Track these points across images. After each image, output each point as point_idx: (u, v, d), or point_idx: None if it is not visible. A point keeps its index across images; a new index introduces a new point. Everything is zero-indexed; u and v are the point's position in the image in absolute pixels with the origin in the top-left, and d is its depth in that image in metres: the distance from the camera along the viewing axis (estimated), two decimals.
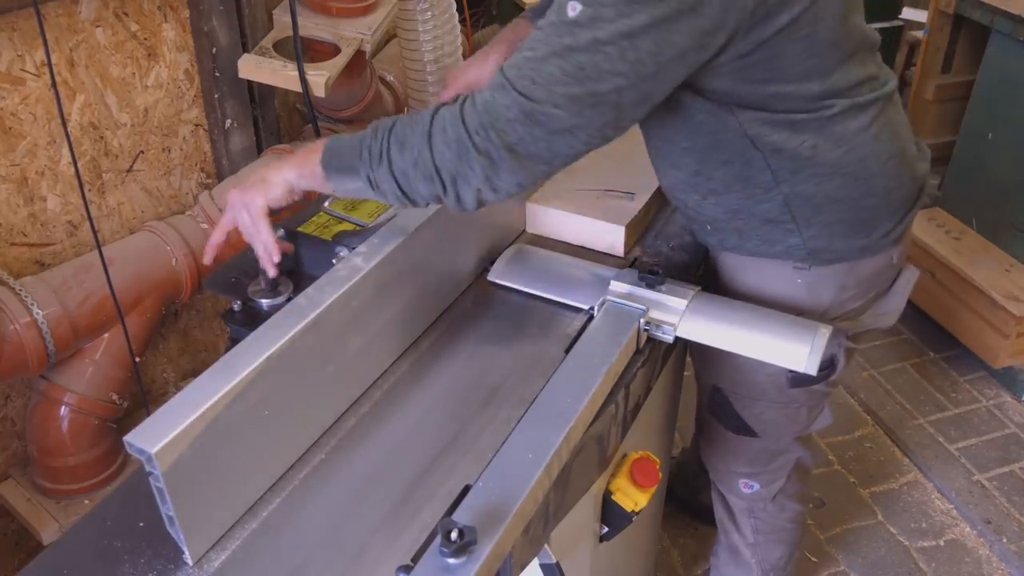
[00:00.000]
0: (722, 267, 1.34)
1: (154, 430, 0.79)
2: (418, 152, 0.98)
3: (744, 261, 1.29)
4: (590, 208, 1.33)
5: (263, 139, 1.93)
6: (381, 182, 1.01)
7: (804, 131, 1.11)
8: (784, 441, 1.47)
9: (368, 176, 1.02)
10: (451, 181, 0.98)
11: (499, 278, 1.26)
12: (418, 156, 0.98)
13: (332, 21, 1.80)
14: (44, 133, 1.55)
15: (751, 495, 1.56)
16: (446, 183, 0.98)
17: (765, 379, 1.33)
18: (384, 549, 0.87)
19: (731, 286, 1.33)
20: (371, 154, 1.01)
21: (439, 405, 1.06)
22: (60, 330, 1.48)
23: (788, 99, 1.09)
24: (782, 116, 1.10)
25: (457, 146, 0.97)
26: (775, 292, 1.28)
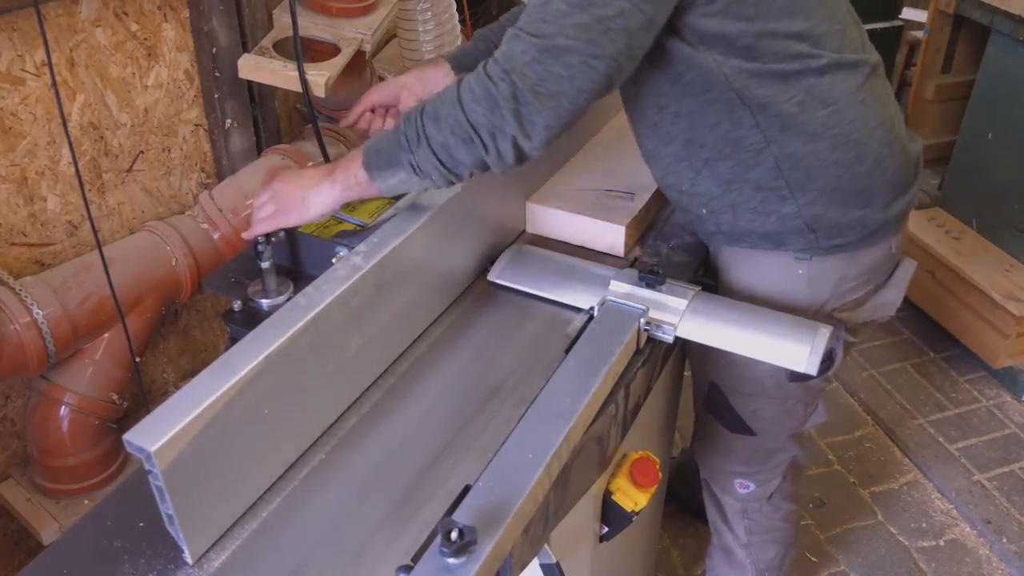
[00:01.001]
0: (722, 265, 1.34)
1: (153, 428, 0.79)
2: (452, 119, 1.01)
3: (744, 255, 1.29)
4: (590, 208, 1.33)
5: (263, 139, 1.93)
6: (423, 162, 1.03)
7: (790, 85, 1.12)
8: (780, 439, 1.47)
9: (410, 162, 1.04)
10: (489, 136, 1.00)
11: (499, 278, 1.26)
12: (453, 122, 1.01)
13: (332, 21, 1.80)
14: (44, 133, 1.55)
15: (746, 495, 1.56)
16: (484, 140, 1.00)
17: (763, 374, 1.34)
18: (384, 549, 0.87)
19: (731, 283, 1.33)
20: (408, 138, 1.03)
21: (439, 405, 1.06)
22: (60, 330, 1.48)
23: (774, 41, 1.09)
24: (770, 67, 1.11)
25: (486, 99, 0.99)
26: (776, 286, 1.28)
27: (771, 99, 1.12)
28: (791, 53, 1.11)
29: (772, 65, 1.11)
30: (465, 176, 1.06)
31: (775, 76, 1.11)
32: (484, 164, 1.04)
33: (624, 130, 1.55)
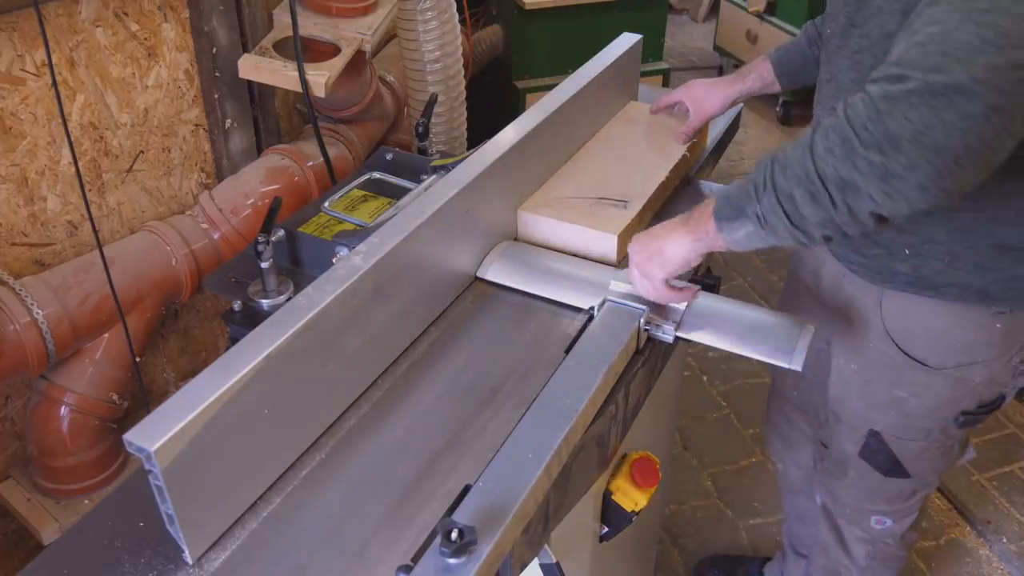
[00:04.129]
0: (892, 310, 1.24)
1: (153, 428, 0.79)
2: (801, 168, 0.88)
3: (930, 305, 1.19)
4: (582, 216, 1.31)
5: (263, 139, 1.93)
6: (768, 214, 0.93)
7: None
8: (930, 478, 1.43)
9: (756, 212, 0.94)
10: (838, 190, 0.86)
11: (495, 276, 1.25)
12: (801, 172, 0.88)
13: (332, 21, 1.80)
14: (44, 133, 1.55)
15: (882, 531, 1.50)
16: (833, 195, 0.86)
17: (934, 423, 1.30)
18: (384, 549, 0.87)
19: (904, 332, 1.24)
20: (756, 187, 0.93)
21: (439, 405, 1.06)
22: (60, 330, 1.48)
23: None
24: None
25: (842, 146, 0.85)
26: (967, 339, 1.20)
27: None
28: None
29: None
30: (816, 237, 0.92)
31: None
32: (835, 226, 0.89)
33: (618, 136, 1.55)
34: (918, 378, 1.26)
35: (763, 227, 0.94)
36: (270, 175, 1.79)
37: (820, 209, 0.88)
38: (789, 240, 0.93)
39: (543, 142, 1.35)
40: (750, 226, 0.96)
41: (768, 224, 0.93)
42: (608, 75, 1.54)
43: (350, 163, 1.98)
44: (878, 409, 1.33)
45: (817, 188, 0.87)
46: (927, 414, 1.29)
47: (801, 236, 0.92)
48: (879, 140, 0.82)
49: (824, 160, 0.86)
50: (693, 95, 1.51)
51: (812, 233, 0.91)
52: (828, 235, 0.91)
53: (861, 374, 1.33)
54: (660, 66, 3.34)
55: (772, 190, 0.91)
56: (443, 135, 2.17)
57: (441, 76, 2.08)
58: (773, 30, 3.95)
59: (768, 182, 0.92)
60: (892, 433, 1.34)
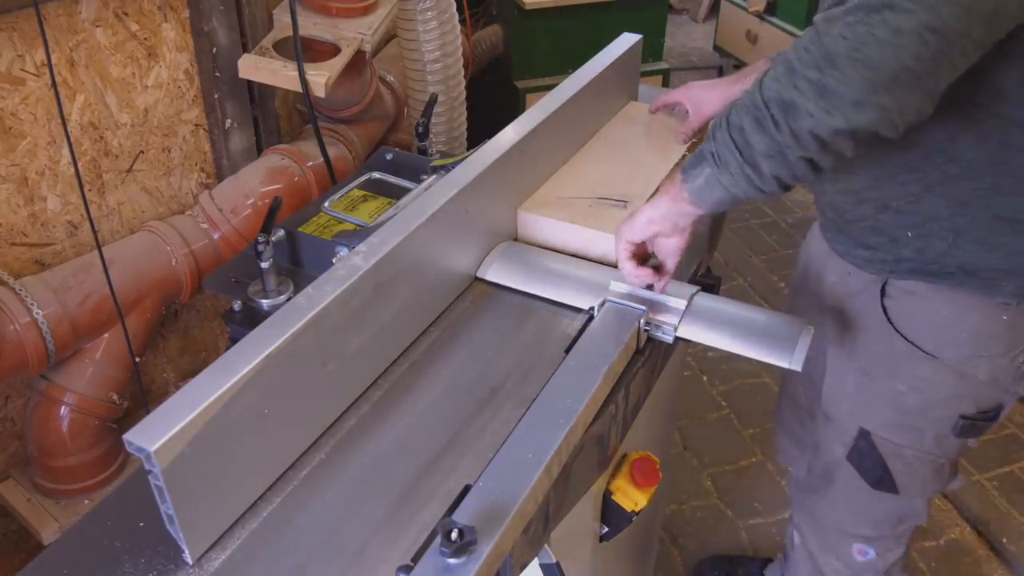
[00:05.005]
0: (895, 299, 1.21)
1: (153, 428, 0.79)
2: (749, 98, 0.91)
3: (932, 293, 1.16)
4: (582, 216, 1.31)
5: (263, 139, 1.93)
6: (721, 149, 0.94)
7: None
8: (919, 501, 1.36)
9: (711, 151, 0.95)
10: (780, 111, 0.87)
11: (494, 277, 1.25)
12: (748, 101, 0.90)
13: (332, 21, 1.80)
14: (44, 133, 1.55)
15: (864, 563, 1.42)
16: (775, 116, 0.87)
17: (930, 424, 1.25)
18: (384, 549, 0.87)
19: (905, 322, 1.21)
20: (713, 128, 0.95)
21: (439, 405, 1.06)
22: (60, 330, 1.48)
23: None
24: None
25: (784, 69, 0.87)
26: (971, 331, 1.17)
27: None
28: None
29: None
30: (765, 172, 0.91)
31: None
32: (780, 153, 0.89)
33: (618, 136, 1.55)
34: (919, 370, 1.23)
35: (717, 165, 0.94)
36: (270, 175, 1.79)
37: (764, 134, 0.88)
38: (742, 182, 0.93)
39: (543, 142, 1.35)
40: (707, 168, 0.96)
41: (721, 161, 0.93)
42: (608, 75, 1.54)
43: (350, 163, 1.98)
44: (873, 405, 1.30)
45: (762, 113, 0.88)
46: (924, 411, 1.25)
47: (751, 172, 0.92)
48: (817, 59, 0.83)
49: (768, 86, 0.88)
50: (692, 96, 1.51)
51: (760, 166, 0.90)
52: (777, 173, 0.91)
53: (859, 365, 1.31)
54: (660, 66, 3.34)
55: (725, 125, 0.93)
56: (443, 135, 2.17)
57: (441, 76, 2.08)
58: (773, 30, 3.95)
59: (722, 121, 0.94)
60: (884, 433, 1.30)
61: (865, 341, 1.28)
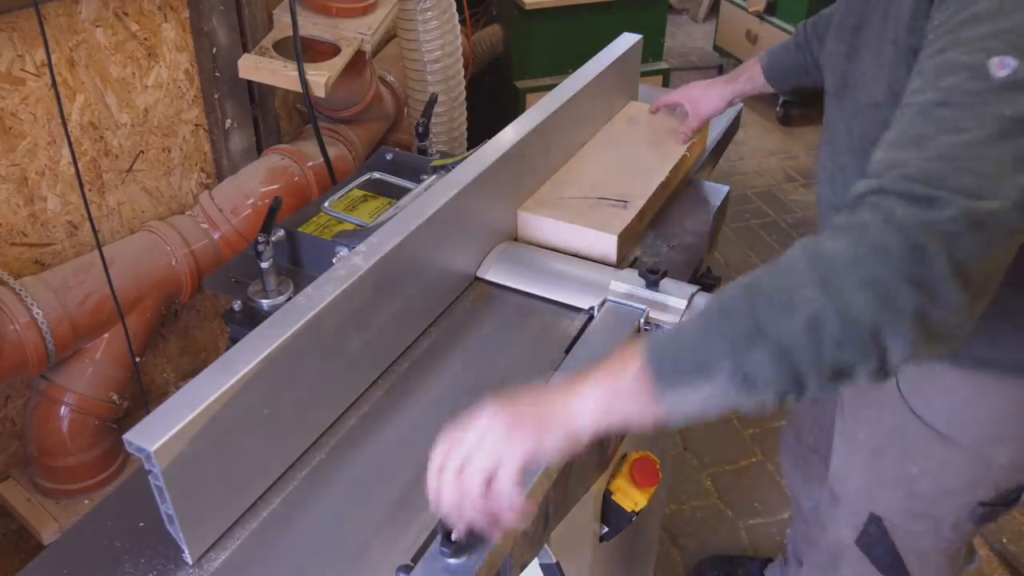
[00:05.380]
0: (910, 377, 1.11)
1: (153, 428, 0.79)
2: (813, 307, 0.68)
3: (956, 373, 1.05)
4: (582, 216, 1.31)
5: (263, 139, 1.93)
6: (759, 368, 0.69)
7: None
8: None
9: (736, 365, 0.70)
10: (872, 335, 0.67)
11: (494, 276, 1.25)
12: (815, 312, 0.68)
13: (332, 21, 1.80)
14: (44, 133, 1.55)
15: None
16: (866, 340, 0.67)
17: (946, 511, 1.15)
18: (384, 549, 0.87)
19: (922, 400, 1.10)
20: (734, 334, 0.70)
21: (439, 405, 1.06)
22: (60, 330, 1.48)
23: None
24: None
25: (874, 284, 0.67)
26: (991, 411, 1.07)
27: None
28: None
29: None
30: (809, 393, 0.71)
31: None
32: (850, 378, 0.70)
33: (618, 136, 1.55)
34: (934, 452, 1.11)
35: (744, 386, 0.70)
36: (270, 175, 1.79)
37: (844, 356, 0.68)
38: (774, 402, 0.72)
39: (543, 142, 1.35)
40: (720, 380, 0.71)
41: (753, 381, 0.70)
42: (608, 75, 1.54)
43: (350, 163, 1.98)
44: (884, 486, 1.17)
45: (843, 333, 0.67)
46: (940, 498, 1.14)
47: (795, 394, 0.71)
48: (925, 276, 0.67)
49: (853, 301, 0.67)
50: (689, 96, 1.51)
51: (808, 390, 0.70)
52: (841, 382, 0.71)
53: (870, 444, 1.19)
54: (660, 66, 3.34)
55: (764, 338, 0.69)
56: (443, 135, 2.17)
57: (441, 76, 2.08)
58: (773, 30, 3.95)
59: (757, 328, 0.69)
60: (897, 520, 1.18)
61: (877, 416, 1.18)
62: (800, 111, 4.04)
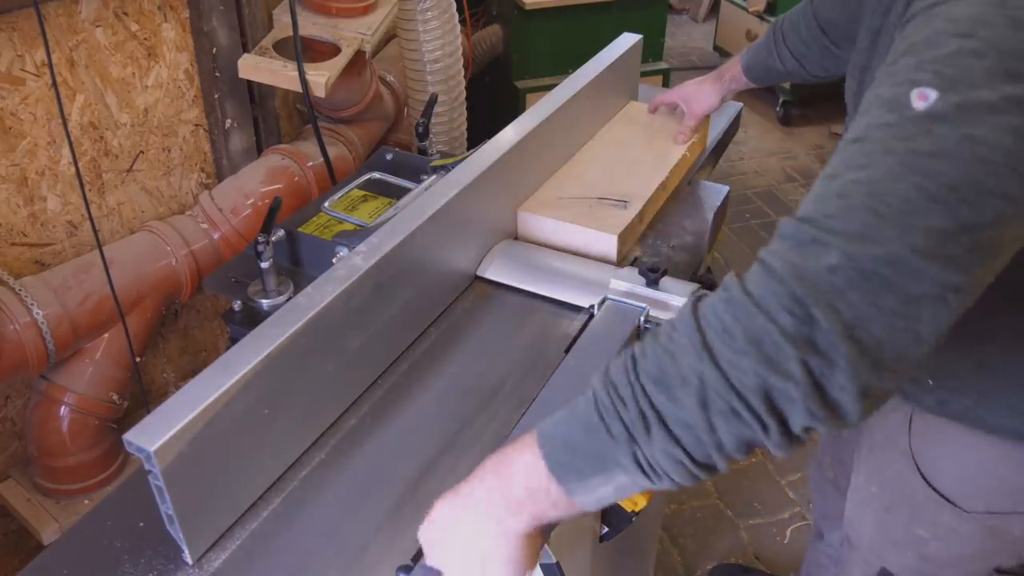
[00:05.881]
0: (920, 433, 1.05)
1: (153, 428, 0.79)
2: (698, 380, 0.61)
3: (961, 433, 1.00)
4: (582, 216, 1.30)
5: (263, 139, 1.93)
6: (659, 457, 0.64)
7: None
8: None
9: (637, 458, 0.64)
10: (764, 404, 0.60)
11: (493, 275, 1.25)
12: (701, 387, 0.61)
13: (332, 21, 1.80)
14: (44, 133, 1.55)
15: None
16: (758, 411, 0.60)
17: (960, 573, 1.10)
18: (384, 549, 0.87)
19: (930, 462, 1.05)
20: (627, 426, 0.64)
21: (439, 405, 1.06)
22: (60, 330, 1.48)
23: None
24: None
25: (758, 345, 0.59)
26: (1002, 480, 1.00)
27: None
28: None
29: None
30: (723, 469, 0.64)
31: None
32: (757, 444, 0.63)
33: (618, 136, 1.55)
34: (942, 518, 1.05)
35: (649, 474, 0.65)
36: (270, 175, 1.79)
37: (741, 430, 0.61)
38: (689, 481, 0.65)
39: (543, 142, 1.35)
40: (623, 477, 0.66)
41: (658, 470, 0.64)
42: (608, 75, 1.54)
43: (350, 163, 1.98)
44: (895, 545, 1.12)
45: (732, 405, 0.60)
46: (951, 564, 1.08)
47: (704, 473, 0.64)
48: (811, 335, 0.58)
49: (736, 367, 0.60)
50: (683, 95, 1.52)
51: (720, 465, 0.64)
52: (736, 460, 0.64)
53: (881, 499, 1.14)
54: (660, 66, 3.34)
55: (659, 424, 0.63)
56: (443, 135, 2.17)
57: (441, 76, 2.08)
58: None
59: (648, 414, 0.63)
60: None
61: (887, 473, 1.12)
62: (800, 111, 4.04)
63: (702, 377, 0.61)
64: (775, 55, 1.39)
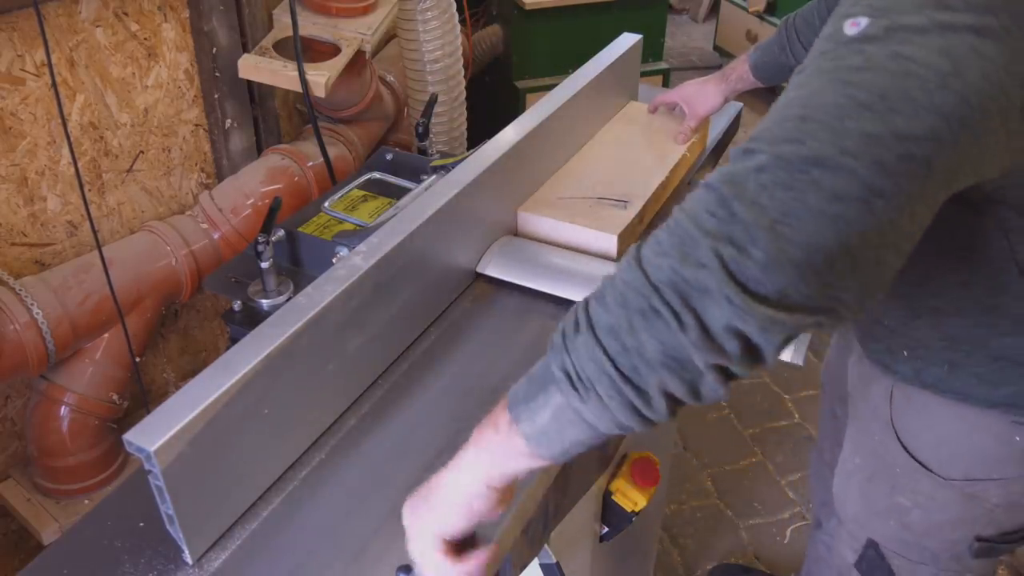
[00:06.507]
0: (900, 403, 1.07)
1: (153, 428, 0.79)
2: (624, 285, 0.62)
3: (937, 404, 1.02)
4: (582, 216, 1.30)
5: (263, 139, 1.93)
6: (583, 362, 0.62)
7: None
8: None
9: (565, 367, 0.64)
10: (681, 302, 0.58)
11: (491, 271, 1.25)
12: (625, 290, 0.61)
13: (332, 21, 1.80)
14: (44, 133, 1.55)
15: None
16: (672, 303, 0.58)
17: (942, 545, 1.11)
18: (384, 549, 0.87)
19: (911, 431, 1.07)
20: (564, 337, 0.65)
21: (439, 405, 1.06)
22: (60, 330, 1.48)
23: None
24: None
25: (679, 245, 0.60)
26: (977, 449, 1.02)
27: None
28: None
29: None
30: (654, 393, 0.61)
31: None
32: (681, 354, 0.59)
33: (618, 136, 1.55)
34: (921, 485, 1.08)
35: (576, 389, 0.63)
36: (270, 175, 1.79)
37: (659, 331, 0.59)
38: (619, 410, 0.62)
39: (543, 142, 1.35)
40: (557, 396, 0.65)
41: (584, 380, 0.62)
42: (608, 75, 1.54)
43: (350, 163, 1.98)
44: (878, 516, 1.15)
45: (652, 303, 0.59)
46: (932, 532, 1.10)
47: (633, 394, 0.61)
48: (730, 229, 0.58)
49: (658, 268, 0.59)
50: (685, 95, 1.51)
51: (649, 384, 0.60)
52: (672, 389, 0.61)
53: (864, 470, 1.17)
54: (660, 66, 3.34)
55: (589, 330, 0.62)
56: (443, 135, 2.17)
57: (441, 76, 2.08)
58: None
59: (581, 322, 0.63)
60: (893, 547, 1.15)
61: (869, 443, 1.15)
62: None
63: (626, 280, 0.62)
64: (788, 52, 1.38)
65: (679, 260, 0.59)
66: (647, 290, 0.60)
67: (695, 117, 1.50)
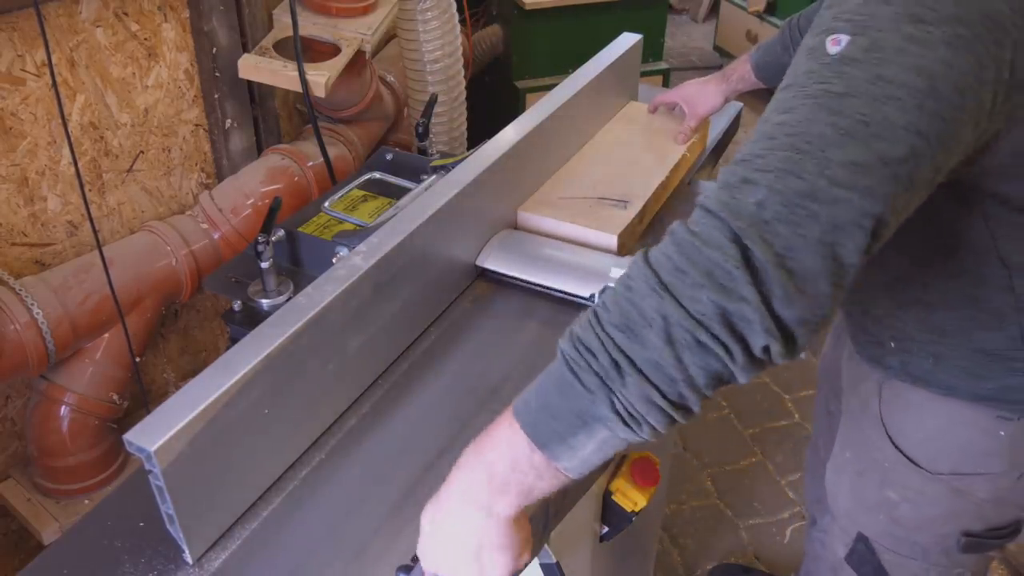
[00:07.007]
0: (888, 397, 1.08)
1: (153, 428, 0.79)
2: (661, 318, 0.63)
3: (924, 398, 1.04)
4: (582, 216, 1.31)
5: (263, 139, 1.93)
6: (634, 399, 0.65)
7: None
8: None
9: (614, 405, 0.66)
10: (726, 330, 0.63)
11: (491, 264, 1.25)
12: (665, 325, 0.63)
13: (332, 21, 1.80)
14: (44, 133, 1.55)
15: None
16: (721, 336, 0.63)
17: (930, 540, 1.11)
18: (384, 549, 0.87)
19: (897, 424, 1.08)
20: (600, 376, 0.66)
21: (439, 405, 1.06)
22: (60, 330, 1.48)
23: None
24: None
25: (710, 278, 0.63)
26: (963, 443, 1.03)
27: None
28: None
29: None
30: (694, 408, 0.67)
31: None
32: (726, 376, 0.65)
33: (618, 136, 1.55)
34: (910, 480, 1.09)
35: (629, 422, 0.66)
36: (270, 175, 1.79)
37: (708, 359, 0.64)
38: (663, 427, 0.66)
39: (543, 142, 1.35)
40: (603, 431, 0.67)
41: (635, 414, 0.65)
42: (608, 75, 1.54)
43: (350, 163, 1.98)
44: (868, 510, 1.16)
45: (697, 335, 0.63)
46: (921, 527, 1.11)
47: (679, 414, 0.66)
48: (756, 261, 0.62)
49: (695, 298, 0.63)
50: (685, 95, 1.52)
51: (694, 403, 0.66)
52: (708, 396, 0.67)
53: (854, 464, 1.18)
54: (660, 66, 3.34)
55: (630, 367, 0.64)
56: (443, 135, 2.17)
57: (441, 76, 2.08)
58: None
59: (619, 361, 0.65)
60: (883, 543, 1.15)
61: (859, 438, 1.16)
62: None
63: (664, 315, 0.63)
64: (791, 53, 1.38)
65: (719, 294, 0.62)
66: (690, 324, 0.63)
67: (695, 117, 1.50)
